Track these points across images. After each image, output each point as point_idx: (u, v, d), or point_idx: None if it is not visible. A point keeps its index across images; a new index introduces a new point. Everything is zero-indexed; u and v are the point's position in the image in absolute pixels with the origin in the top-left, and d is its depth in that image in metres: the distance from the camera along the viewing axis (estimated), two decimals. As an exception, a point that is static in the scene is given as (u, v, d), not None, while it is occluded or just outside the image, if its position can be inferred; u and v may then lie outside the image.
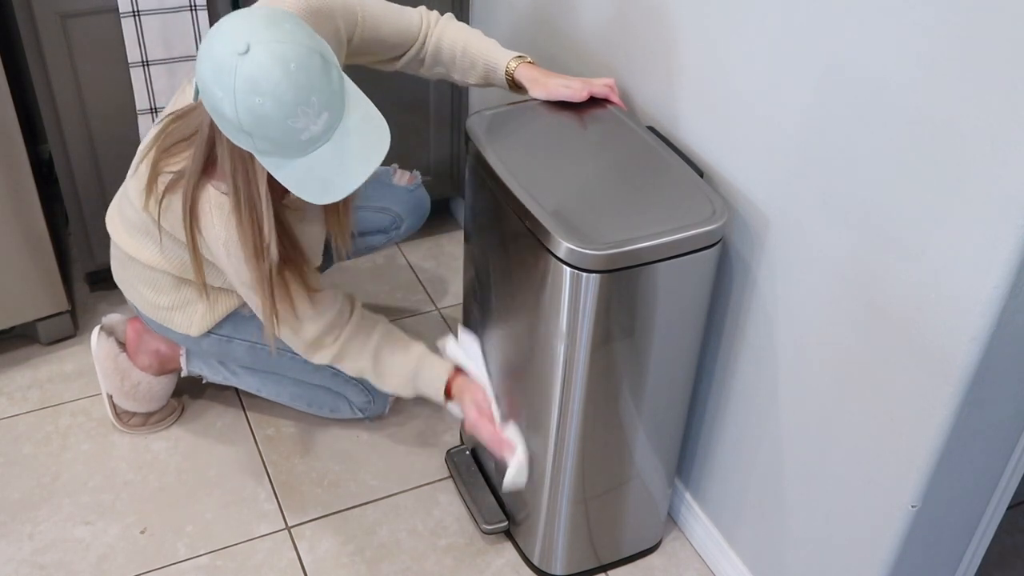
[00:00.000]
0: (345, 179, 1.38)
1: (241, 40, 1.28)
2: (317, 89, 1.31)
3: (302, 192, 1.38)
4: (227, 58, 1.29)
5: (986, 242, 1.11)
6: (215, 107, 1.33)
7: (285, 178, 1.37)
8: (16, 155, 1.92)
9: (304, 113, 1.31)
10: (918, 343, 1.24)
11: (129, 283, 1.80)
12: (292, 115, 1.30)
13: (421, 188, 2.08)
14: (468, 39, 1.71)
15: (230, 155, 1.42)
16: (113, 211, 1.78)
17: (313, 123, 1.32)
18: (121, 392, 1.95)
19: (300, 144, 1.34)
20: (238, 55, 1.28)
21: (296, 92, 1.29)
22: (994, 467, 1.38)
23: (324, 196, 1.39)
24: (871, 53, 1.21)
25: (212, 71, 1.30)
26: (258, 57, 1.28)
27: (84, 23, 1.92)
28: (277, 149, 1.35)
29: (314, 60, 1.31)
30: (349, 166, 1.37)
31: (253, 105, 1.29)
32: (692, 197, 1.47)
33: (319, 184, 1.38)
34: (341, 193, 1.38)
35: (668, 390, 1.61)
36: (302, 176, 1.37)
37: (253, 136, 1.33)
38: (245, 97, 1.29)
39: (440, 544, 1.83)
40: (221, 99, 1.31)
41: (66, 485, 1.90)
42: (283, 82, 1.28)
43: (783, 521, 1.59)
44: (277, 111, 1.30)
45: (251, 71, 1.28)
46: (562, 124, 1.63)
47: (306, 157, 1.35)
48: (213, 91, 1.31)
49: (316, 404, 1.98)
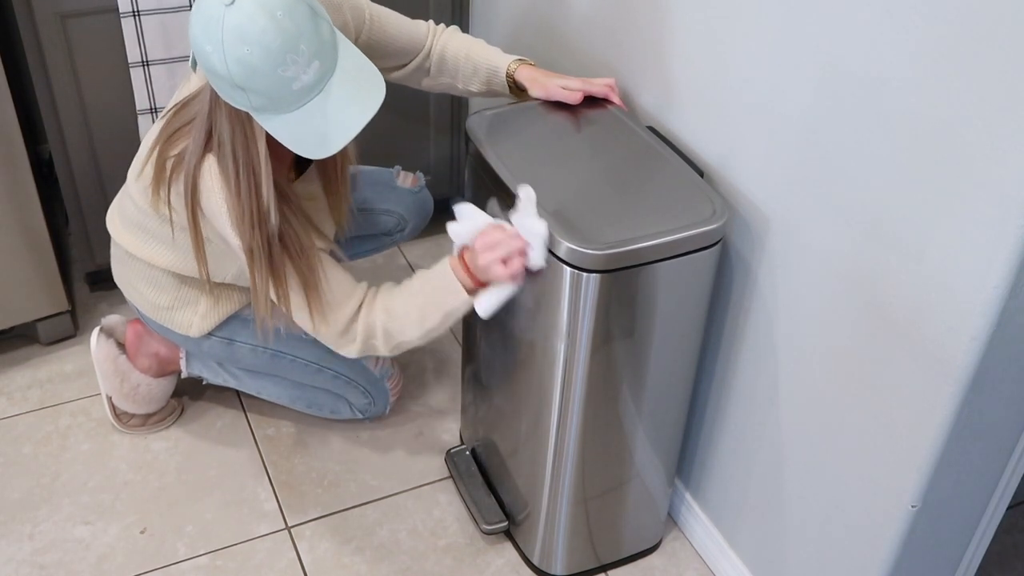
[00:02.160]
0: (341, 130, 1.37)
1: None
2: (305, 37, 1.31)
3: (299, 146, 1.38)
4: (214, 10, 1.29)
5: (986, 242, 1.11)
6: (207, 63, 1.33)
7: (281, 132, 1.37)
8: (16, 155, 1.92)
9: (294, 61, 1.31)
10: (918, 343, 1.24)
11: (129, 282, 1.80)
12: (281, 63, 1.30)
13: (425, 190, 2.08)
14: (471, 46, 1.73)
15: (228, 120, 1.42)
16: (113, 210, 1.79)
17: (304, 72, 1.32)
18: (120, 393, 1.94)
19: (293, 95, 1.34)
20: (224, 6, 1.28)
21: (284, 39, 1.29)
22: (994, 467, 1.38)
23: (321, 149, 1.38)
24: (871, 53, 1.21)
25: (201, 26, 1.31)
26: (244, 6, 1.28)
27: (84, 23, 1.92)
28: (271, 103, 1.34)
29: (301, 8, 1.31)
30: (344, 116, 1.36)
31: (241, 55, 1.29)
32: (692, 197, 1.47)
33: (315, 137, 1.37)
34: (338, 144, 1.37)
35: (668, 390, 1.61)
36: (297, 129, 1.36)
37: (246, 90, 1.33)
38: (233, 47, 1.29)
39: (440, 544, 1.83)
40: (211, 53, 1.31)
41: (66, 485, 1.90)
42: (270, 30, 1.28)
43: (783, 521, 1.59)
44: (266, 60, 1.30)
45: (237, 20, 1.28)
46: (562, 124, 1.63)
47: (300, 110, 1.35)
48: (204, 47, 1.31)
49: (316, 406, 1.98)
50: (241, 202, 1.47)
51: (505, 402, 1.71)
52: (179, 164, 1.52)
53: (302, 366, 1.88)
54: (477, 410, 1.88)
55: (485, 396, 1.81)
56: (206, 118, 1.45)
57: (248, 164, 1.44)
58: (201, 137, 1.47)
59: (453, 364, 2.20)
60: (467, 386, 1.91)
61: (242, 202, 1.47)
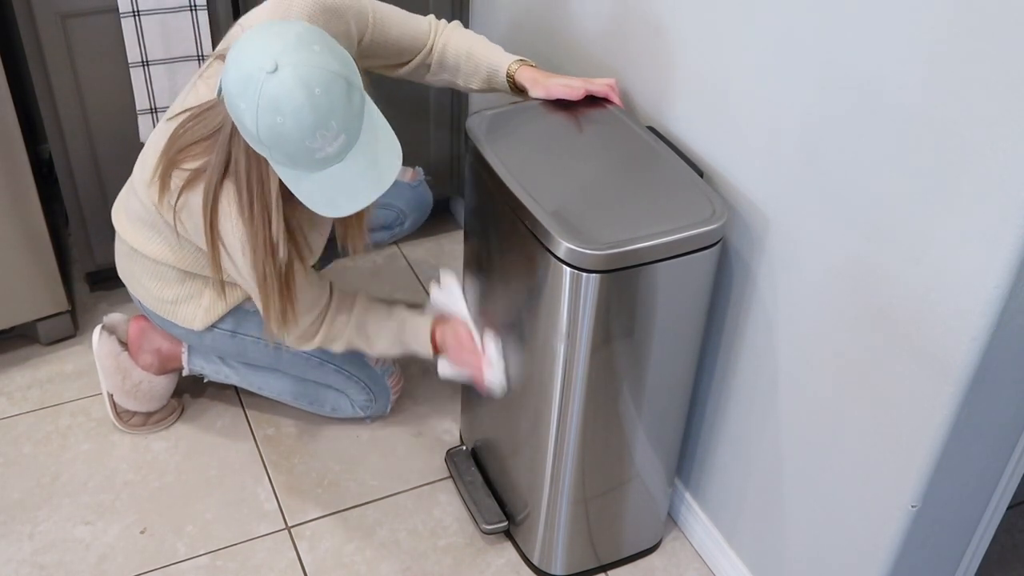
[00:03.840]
0: (352, 199, 1.41)
1: (270, 58, 1.30)
2: (337, 114, 1.34)
3: (310, 203, 1.41)
4: (254, 73, 1.31)
5: (986, 243, 1.11)
6: (237, 115, 1.36)
7: (295, 188, 1.41)
8: (16, 155, 1.92)
9: (322, 136, 1.34)
10: (918, 343, 1.24)
11: (134, 276, 1.81)
12: (310, 137, 1.33)
13: (423, 184, 2.09)
14: (473, 44, 1.73)
15: (246, 155, 1.44)
16: (119, 205, 1.79)
17: (329, 145, 1.35)
18: (122, 391, 1.95)
19: (314, 162, 1.37)
20: (266, 73, 1.30)
21: (317, 116, 1.32)
22: (994, 467, 1.38)
23: (331, 210, 1.42)
24: (871, 53, 1.21)
25: (238, 82, 1.33)
26: (284, 78, 1.30)
27: (84, 23, 1.92)
28: (291, 163, 1.38)
29: (338, 85, 1.33)
30: (358, 187, 1.40)
31: (274, 123, 1.32)
32: (692, 197, 1.47)
33: (326, 199, 1.41)
34: (346, 211, 1.42)
35: (668, 390, 1.61)
36: (312, 190, 1.40)
37: (270, 149, 1.37)
38: (267, 115, 1.32)
39: (440, 544, 1.83)
40: (244, 111, 1.33)
41: (66, 485, 1.90)
42: (305, 106, 1.31)
43: (783, 521, 1.59)
44: (296, 132, 1.32)
45: (276, 91, 1.30)
46: (562, 124, 1.63)
47: (319, 173, 1.38)
48: (237, 102, 1.34)
49: (318, 403, 1.98)
50: (255, 228, 1.50)
51: (505, 402, 1.71)
52: (195, 180, 1.53)
53: (304, 359, 1.88)
54: (477, 410, 1.88)
55: (485, 396, 1.81)
56: (226, 146, 1.47)
57: (261, 198, 1.48)
58: (223, 158, 1.48)
59: (453, 364, 2.20)
60: (467, 386, 1.91)
61: (255, 228, 1.50)
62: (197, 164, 1.52)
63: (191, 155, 1.53)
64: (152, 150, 1.62)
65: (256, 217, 1.49)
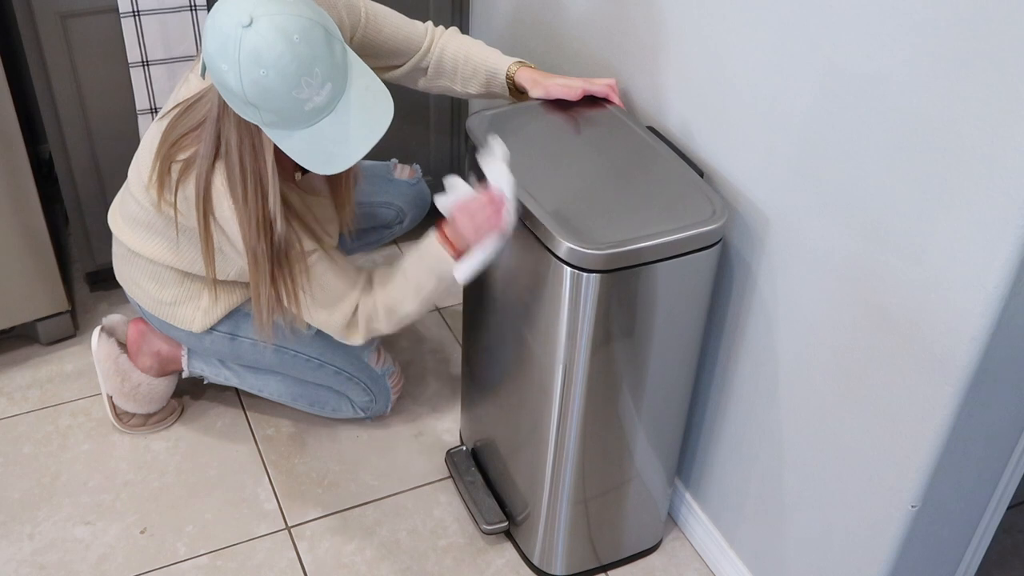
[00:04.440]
0: (348, 149, 1.40)
1: (244, 12, 1.30)
2: (320, 60, 1.33)
3: (306, 161, 1.40)
4: (231, 30, 1.30)
5: (986, 242, 1.11)
6: (221, 80, 1.35)
7: (290, 148, 1.39)
8: (16, 155, 1.92)
9: (307, 84, 1.33)
10: (918, 343, 1.24)
11: (132, 279, 1.80)
12: (296, 86, 1.32)
13: (422, 182, 2.10)
14: (470, 47, 1.73)
15: (236, 129, 1.44)
16: (115, 208, 1.79)
17: (317, 94, 1.34)
18: (122, 393, 1.95)
19: (304, 115, 1.36)
20: (242, 27, 1.30)
21: (299, 64, 1.31)
22: (994, 467, 1.38)
23: (328, 166, 1.41)
24: (871, 53, 1.21)
25: (217, 44, 1.32)
26: (261, 29, 1.30)
27: (84, 23, 1.92)
28: (282, 120, 1.37)
29: (317, 32, 1.33)
30: (353, 137, 1.39)
31: (257, 77, 1.31)
32: (692, 197, 1.47)
33: (323, 155, 1.39)
34: (344, 164, 1.40)
35: (668, 390, 1.61)
36: (306, 147, 1.39)
37: (259, 108, 1.35)
38: (249, 69, 1.31)
39: (440, 544, 1.83)
40: (226, 72, 1.33)
41: (66, 485, 1.90)
42: (286, 54, 1.30)
43: (783, 521, 1.59)
44: (281, 83, 1.32)
45: (255, 43, 1.30)
46: (562, 124, 1.63)
47: (310, 128, 1.37)
48: (218, 64, 1.33)
49: (318, 404, 1.98)
50: (248, 208, 1.49)
51: (505, 402, 1.71)
52: (187, 169, 1.53)
53: (303, 361, 1.88)
54: (477, 410, 1.88)
55: (485, 396, 1.81)
56: (215, 124, 1.47)
57: (255, 172, 1.47)
58: (211, 144, 1.48)
59: (453, 364, 2.21)
60: (467, 386, 1.91)
61: (248, 208, 1.49)
62: (189, 153, 1.52)
63: (182, 146, 1.53)
64: (146, 151, 1.62)
65: (250, 194, 1.47)
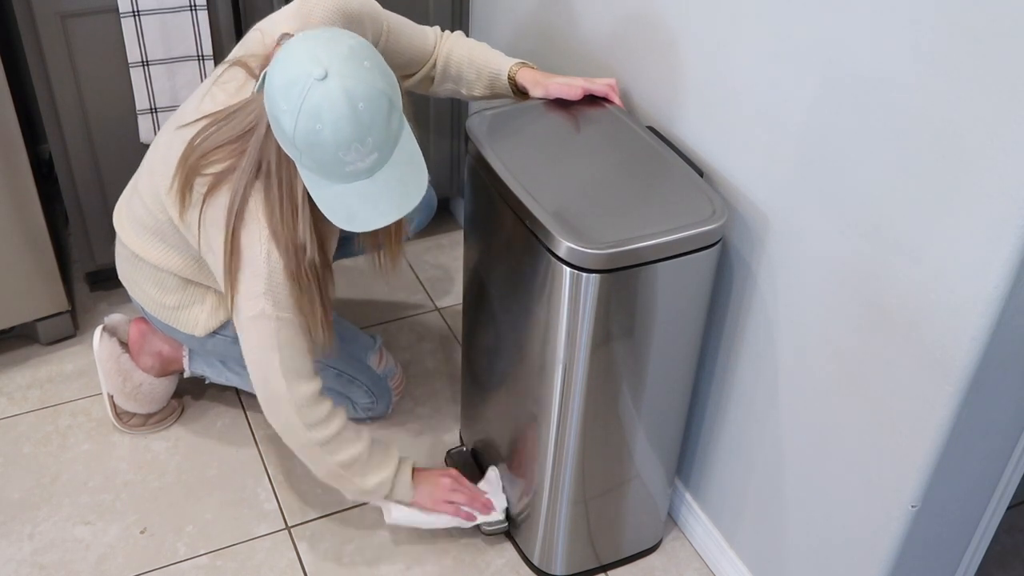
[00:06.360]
0: (374, 215, 1.40)
1: (321, 66, 1.30)
2: (375, 132, 1.33)
3: (329, 212, 1.40)
4: (302, 77, 1.30)
5: (986, 242, 1.11)
6: (275, 115, 1.35)
7: (318, 196, 1.40)
8: (16, 155, 1.92)
9: (356, 151, 1.33)
10: (918, 343, 1.24)
11: (135, 282, 1.80)
12: (344, 149, 1.33)
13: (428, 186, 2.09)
14: (473, 51, 1.74)
15: (277, 156, 1.43)
16: (121, 210, 1.78)
17: (361, 160, 1.35)
18: (123, 393, 1.94)
19: (343, 174, 1.36)
20: (314, 79, 1.30)
21: (355, 130, 1.31)
22: (994, 467, 1.38)
23: (348, 223, 1.41)
24: (871, 53, 1.21)
25: (284, 81, 1.32)
26: (331, 87, 1.29)
27: (84, 23, 1.92)
28: (319, 170, 1.37)
29: (382, 102, 1.33)
30: (382, 205, 1.39)
31: (312, 129, 1.31)
32: (692, 197, 1.47)
33: (347, 212, 1.39)
34: (364, 227, 1.40)
35: (668, 390, 1.61)
36: (334, 200, 1.39)
37: (302, 153, 1.36)
38: (307, 120, 1.31)
39: (440, 544, 1.83)
40: (284, 111, 1.33)
41: (66, 485, 1.90)
42: (346, 118, 1.30)
43: (783, 521, 1.59)
44: (332, 142, 1.32)
45: (320, 99, 1.30)
46: (562, 124, 1.63)
47: (344, 185, 1.38)
48: (278, 101, 1.33)
49: (319, 405, 1.98)
50: (283, 229, 1.48)
51: (505, 402, 1.71)
52: (219, 183, 1.50)
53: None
54: (477, 410, 1.88)
55: (485, 396, 1.81)
56: (259, 146, 1.45)
57: (291, 199, 1.46)
58: (253, 162, 1.47)
59: (453, 364, 2.20)
60: (467, 386, 1.91)
61: (284, 229, 1.48)
62: (222, 167, 1.50)
63: (214, 159, 1.50)
64: (163, 159, 1.59)
65: (285, 218, 1.47)
